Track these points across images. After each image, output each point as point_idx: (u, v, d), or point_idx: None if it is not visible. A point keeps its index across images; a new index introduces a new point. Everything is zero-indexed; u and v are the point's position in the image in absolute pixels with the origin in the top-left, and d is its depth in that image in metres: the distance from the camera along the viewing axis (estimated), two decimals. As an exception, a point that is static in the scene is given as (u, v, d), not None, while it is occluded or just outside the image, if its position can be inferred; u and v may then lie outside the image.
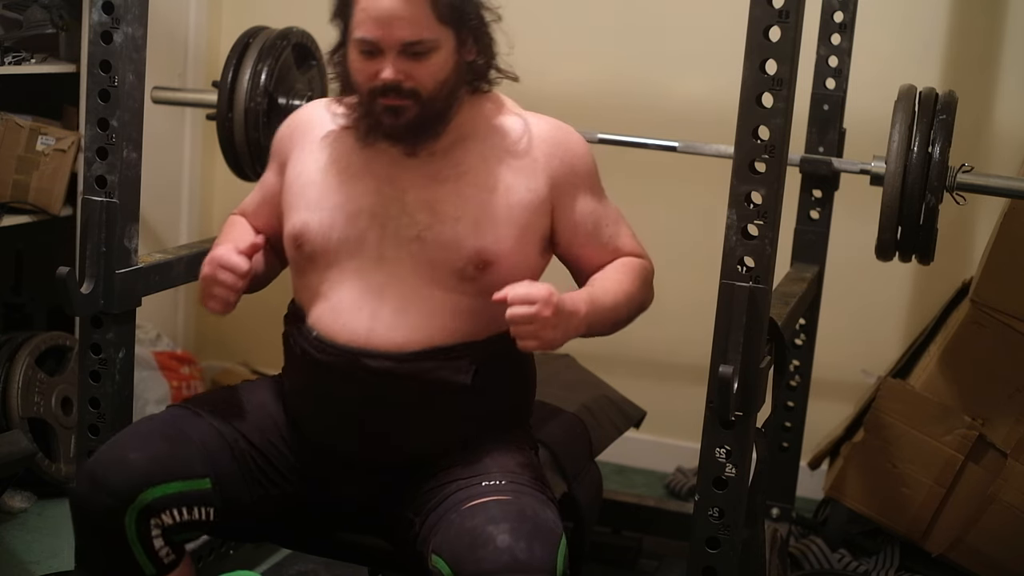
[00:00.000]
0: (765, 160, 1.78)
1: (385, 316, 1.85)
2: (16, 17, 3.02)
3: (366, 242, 1.87)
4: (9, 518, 2.86)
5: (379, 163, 1.89)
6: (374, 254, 1.86)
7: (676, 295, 3.39)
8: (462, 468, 1.85)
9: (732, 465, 1.85)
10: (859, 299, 3.24)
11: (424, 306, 1.85)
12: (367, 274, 1.86)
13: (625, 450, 3.13)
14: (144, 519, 1.80)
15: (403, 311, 1.85)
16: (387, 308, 1.85)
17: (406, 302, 1.85)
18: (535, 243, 1.91)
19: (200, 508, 1.84)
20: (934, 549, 2.79)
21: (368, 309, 1.85)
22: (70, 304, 2.06)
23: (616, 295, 1.91)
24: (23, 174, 2.98)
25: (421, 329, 1.84)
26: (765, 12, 1.75)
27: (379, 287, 1.85)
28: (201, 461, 1.85)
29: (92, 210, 2.08)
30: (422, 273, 1.85)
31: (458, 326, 1.86)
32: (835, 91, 2.65)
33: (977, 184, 2.25)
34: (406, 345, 1.84)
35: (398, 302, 1.85)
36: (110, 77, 2.06)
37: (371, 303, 1.85)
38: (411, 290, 1.85)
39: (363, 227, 1.87)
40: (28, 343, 2.95)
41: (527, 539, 1.67)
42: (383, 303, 1.85)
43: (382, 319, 1.84)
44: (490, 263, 1.84)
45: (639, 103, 3.28)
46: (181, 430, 1.87)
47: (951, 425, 2.73)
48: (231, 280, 1.86)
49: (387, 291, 1.85)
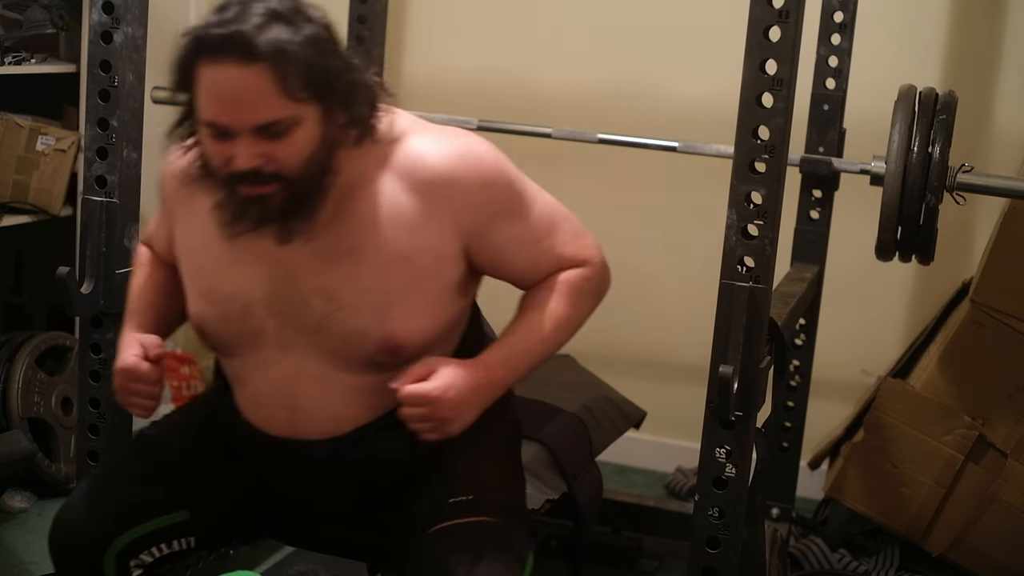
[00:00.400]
0: (765, 160, 1.78)
1: (306, 406, 1.74)
2: (16, 17, 3.02)
3: (266, 334, 1.73)
4: (9, 518, 2.86)
5: (265, 242, 1.67)
6: (277, 344, 1.73)
7: (676, 295, 3.40)
8: (432, 477, 1.79)
9: (732, 465, 1.85)
10: (859, 299, 3.24)
11: (342, 390, 1.73)
12: (275, 365, 1.74)
13: (625, 450, 3.13)
14: (123, 562, 1.77)
15: (321, 397, 1.74)
16: (305, 397, 1.74)
17: (322, 389, 1.73)
18: (451, 297, 1.74)
19: (179, 540, 1.81)
20: (934, 549, 2.79)
21: (286, 399, 1.75)
22: (70, 304, 2.06)
23: (543, 331, 1.76)
24: (23, 174, 2.98)
25: (345, 413, 1.74)
26: (765, 12, 1.75)
27: (290, 377, 1.73)
28: (175, 493, 1.81)
29: (92, 210, 2.08)
30: (331, 361, 1.71)
31: (383, 400, 1.72)
32: (835, 91, 2.65)
33: (977, 184, 2.25)
34: (334, 430, 1.75)
35: (314, 389, 1.73)
36: (110, 77, 2.06)
37: (287, 393, 1.74)
38: (324, 377, 1.72)
39: (260, 318, 1.72)
40: (28, 343, 2.94)
41: (488, 570, 1.64)
42: (299, 392, 1.74)
43: (303, 409, 1.74)
44: (401, 346, 1.69)
45: (639, 103, 3.28)
46: (151, 463, 1.84)
47: (951, 425, 2.73)
48: (145, 390, 1.79)
49: (300, 380, 1.73)
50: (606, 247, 1.82)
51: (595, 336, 3.50)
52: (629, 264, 3.44)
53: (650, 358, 3.47)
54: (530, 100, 3.38)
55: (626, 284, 3.47)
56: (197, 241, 1.76)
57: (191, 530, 1.82)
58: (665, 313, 3.43)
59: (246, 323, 1.72)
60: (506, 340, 1.75)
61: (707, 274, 2.11)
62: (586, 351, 3.20)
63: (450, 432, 1.68)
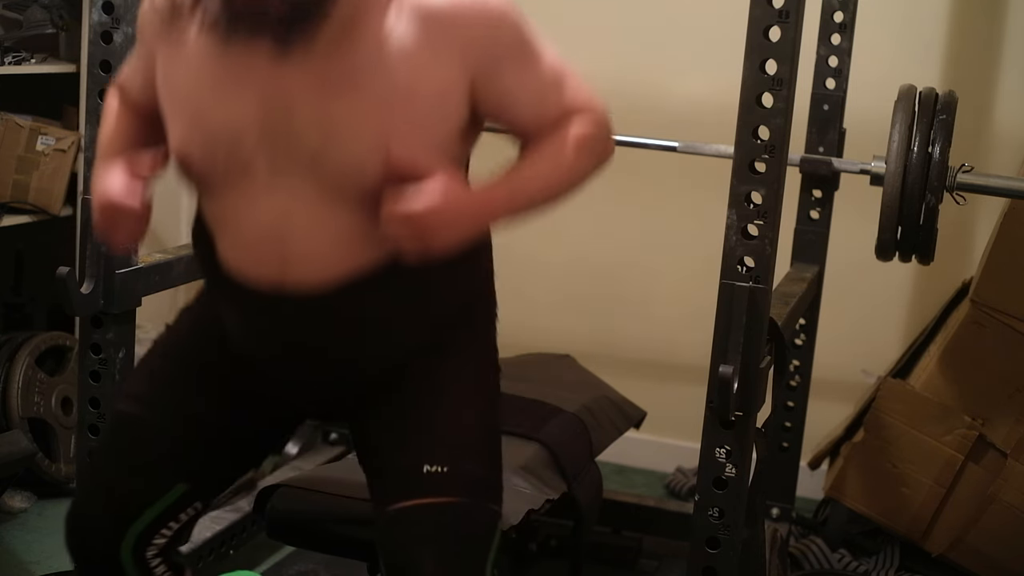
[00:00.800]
0: (765, 160, 1.78)
1: (295, 247, 1.61)
2: (16, 17, 3.02)
3: (255, 167, 1.60)
4: (9, 518, 2.86)
5: (258, 67, 1.57)
6: (268, 178, 1.61)
7: (676, 295, 3.40)
8: (407, 427, 1.70)
9: (732, 465, 1.85)
10: (859, 299, 3.24)
11: (335, 231, 1.62)
12: (265, 201, 1.61)
13: (625, 450, 3.13)
14: (139, 553, 1.76)
15: (313, 238, 1.61)
16: (295, 238, 1.61)
17: (314, 228, 1.61)
18: (452, 141, 1.64)
19: (185, 511, 1.79)
20: (934, 549, 2.79)
21: (275, 241, 1.62)
22: (70, 304, 2.06)
23: (548, 176, 1.67)
24: (23, 174, 2.98)
25: (337, 257, 1.62)
26: (765, 12, 1.75)
27: (281, 215, 1.61)
28: (167, 472, 1.77)
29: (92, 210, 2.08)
30: (326, 197, 1.60)
31: (375, 245, 1.62)
32: (835, 91, 2.65)
33: (977, 184, 2.25)
34: (324, 278, 1.62)
35: (305, 228, 1.61)
36: (110, 77, 2.06)
37: (276, 233, 1.61)
38: (316, 216, 1.60)
39: (250, 149, 1.60)
40: (28, 343, 2.95)
41: (452, 561, 1.62)
42: (289, 231, 1.61)
43: (292, 251, 1.61)
44: (401, 180, 1.57)
45: (639, 103, 3.28)
46: (132, 450, 1.78)
47: (951, 425, 2.73)
48: (131, 225, 1.68)
49: (291, 219, 1.61)
50: (606, 247, 1.82)
51: (595, 336, 3.52)
52: (629, 264, 3.45)
53: (650, 358, 3.47)
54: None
55: (626, 284, 3.49)
56: (183, 69, 1.64)
57: (194, 497, 1.79)
58: (665, 313, 3.43)
59: (235, 154, 1.61)
60: (510, 176, 1.65)
61: (707, 274, 2.12)
62: (586, 351, 3.20)
63: (434, 245, 1.57)
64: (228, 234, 1.67)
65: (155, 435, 1.77)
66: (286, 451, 3.01)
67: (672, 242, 3.39)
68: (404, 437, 1.69)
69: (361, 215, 1.60)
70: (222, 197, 1.65)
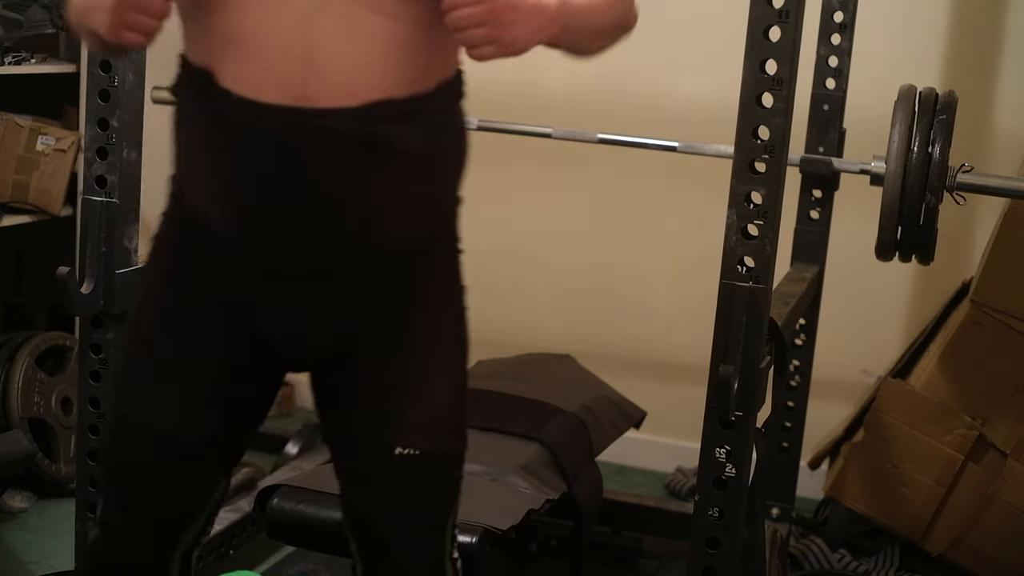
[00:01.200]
0: (765, 160, 1.78)
1: (323, 55, 1.45)
2: (16, 17, 3.02)
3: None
4: (9, 518, 2.86)
5: None
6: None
7: (676, 295, 3.40)
8: (386, 375, 1.59)
9: (732, 465, 1.85)
10: (859, 299, 3.24)
11: (369, 37, 1.46)
12: (290, 3, 1.45)
13: (625, 450, 3.13)
14: (186, 561, 1.69)
15: (343, 44, 1.45)
16: (324, 43, 1.44)
17: (346, 32, 1.45)
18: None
19: (220, 497, 1.71)
20: (934, 549, 2.79)
21: (300, 48, 1.44)
22: (70, 304, 2.06)
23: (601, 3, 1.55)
24: (23, 174, 2.99)
25: (368, 72, 1.47)
26: (765, 12, 1.75)
27: (310, 15, 1.44)
28: (202, 482, 1.66)
29: (92, 210, 2.08)
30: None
31: (409, 67, 1.49)
32: (835, 91, 2.65)
33: (977, 184, 2.25)
34: (353, 95, 1.46)
35: (336, 32, 1.45)
36: (110, 77, 2.06)
37: (303, 38, 1.45)
38: (351, 17, 1.45)
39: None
40: (28, 343, 2.95)
41: (416, 539, 1.61)
42: (318, 36, 1.44)
43: (319, 60, 1.45)
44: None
45: (639, 103, 3.28)
46: (178, 472, 1.65)
47: (951, 425, 2.73)
48: (149, 21, 1.45)
49: (321, 20, 1.44)
50: (606, 247, 1.82)
51: (595, 336, 3.52)
52: (629, 264, 3.45)
53: (650, 358, 3.47)
54: (530, 100, 3.38)
55: (626, 284, 3.49)
56: None
57: (226, 483, 1.71)
58: (665, 313, 3.43)
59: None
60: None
61: (707, 274, 2.12)
62: (586, 351, 3.20)
63: (507, 44, 1.44)
64: (239, 50, 1.48)
65: (192, 451, 1.63)
66: (286, 451, 3.01)
67: (672, 242, 3.39)
68: (376, 394, 1.60)
69: (400, 24, 1.47)
70: (238, 4, 1.47)
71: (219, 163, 1.52)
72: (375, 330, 1.59)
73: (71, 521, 2.18)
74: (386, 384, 1.60)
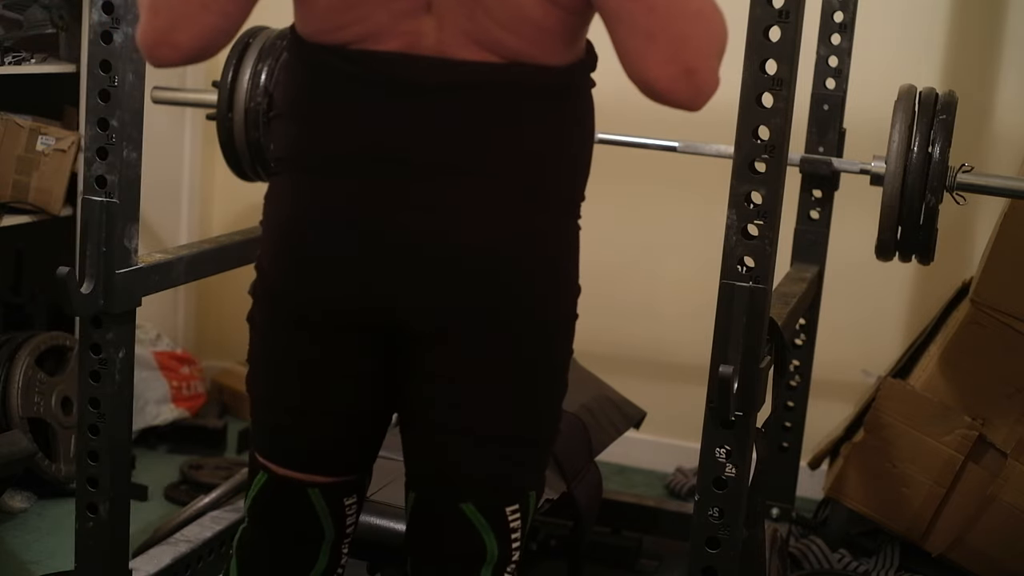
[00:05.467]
0: (765, 160, 1.78)
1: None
2: (16, 17, 3.02)
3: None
4: (9, 518, 2.86)
5: None
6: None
7: (676, 295, 3.40)
8: (460, 398, 1.57)
9: (732, 465, 1.85)
10: (859, 299, 3.24)
11: None
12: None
13: (625, 450, 3.13)
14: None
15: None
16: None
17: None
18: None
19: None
20: (934, 549, 2.79)
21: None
22: (70, 304, 2.06)
23: None
24: (23, 174, 2.98)
25: (502, 34, 1.46)
26: (765, 12, 1.75)
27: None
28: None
29: (92, 210, 2.08)
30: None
31: (550, 42, 1.50)
32: (835, 91, 2.65)
33: (977, 184, 2.25)
34: (479, 54, 1.46)
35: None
36: (110, 77, 2.06)
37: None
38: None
39: None
40: (28, 343, 2.95)
41: None
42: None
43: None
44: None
45: (639, 103, 3.26)
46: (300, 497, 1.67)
47: (951, 425, 2.73)
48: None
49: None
50: (606, 248, 1.82)
51: (595, 336, 3.51)
52: (629, 264, 3.45)
53: (650, 358, 3.47)
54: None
55: (626, 284, 3.49)
56: None
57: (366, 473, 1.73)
58: (665, 313, 3.43)
59: None
60: None
61: (707, 274, 2.11)
62: (586, 351, 3.20)
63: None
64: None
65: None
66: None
67: (672, 242, 3.39)
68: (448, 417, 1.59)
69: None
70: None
71: (333, 115, 1.53)
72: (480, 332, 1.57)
73: (71, 521, 2.17)
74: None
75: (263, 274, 1.62)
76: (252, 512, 1.71)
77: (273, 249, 1.60)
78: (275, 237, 1.59)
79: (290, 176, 1.57)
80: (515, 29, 1.46)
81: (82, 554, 2.17)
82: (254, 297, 1.66)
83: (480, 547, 1.61)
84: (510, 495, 1.62)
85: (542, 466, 1.67)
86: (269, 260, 1.60)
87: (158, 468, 3.21)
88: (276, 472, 1.66)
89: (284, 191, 1.58)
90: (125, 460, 2.19)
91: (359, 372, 1.60)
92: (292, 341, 1.61)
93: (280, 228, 1.59)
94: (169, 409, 3.39)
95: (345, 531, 1.71)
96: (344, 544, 1.72)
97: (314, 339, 1.58)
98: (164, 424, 3.36)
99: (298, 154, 1.56)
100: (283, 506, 1.67)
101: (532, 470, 1.64)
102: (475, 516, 1.60)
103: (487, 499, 1.60)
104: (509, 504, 1.62)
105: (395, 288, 1.52)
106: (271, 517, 1.69)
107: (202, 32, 1.50)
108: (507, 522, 1.62)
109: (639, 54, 1.46)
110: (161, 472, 3.19)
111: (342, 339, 1.57)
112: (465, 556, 1.62)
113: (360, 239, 1.51)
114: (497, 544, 1.62)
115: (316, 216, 1.53)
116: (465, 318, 1.53)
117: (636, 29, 1.43)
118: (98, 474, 2.14)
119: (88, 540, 2.16)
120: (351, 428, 1.65)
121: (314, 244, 1.54)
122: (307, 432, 1.64)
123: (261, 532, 1.70)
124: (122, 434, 2.17)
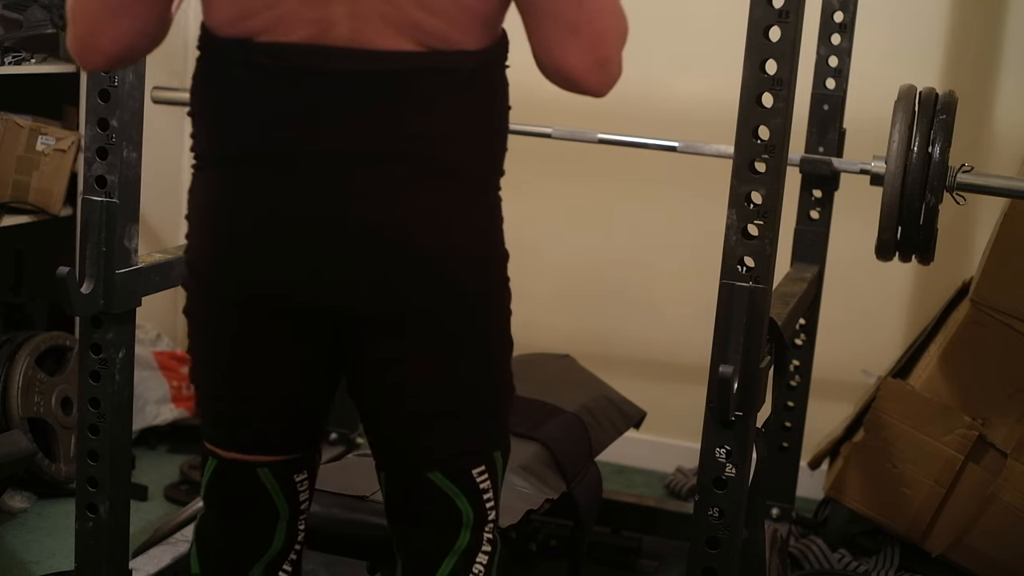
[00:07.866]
0: (765, 160, 1.78)
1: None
2: (16, 17, 3.02)
3: None
4: (9, 518, 2.86)
5: None
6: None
7: (676, 295, 3.40)
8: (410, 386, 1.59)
9: (732, 465, 1.85)
10: (859, 299, 3.24)
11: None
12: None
13: (625, 450, 3.13)
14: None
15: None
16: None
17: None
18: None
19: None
20: (934, 549, 2.79)
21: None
22: (70, 304, 2.06)
23: None
24: (23, 174, 2.99)
25: (422, 15, 1.47)
26: (765, 12, 1.75)
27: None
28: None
29: (92, 210, 2.08)
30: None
31: (472, 18, 1.51)
32: (835, 91, 2.65)
33: (977, 184, 2.25)
34: (395, 41, 1.47)
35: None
36: (110, 77, 2.06)
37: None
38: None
39: None
40: (28, 343, 2.95)
41: None
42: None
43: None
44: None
45: (639, 103, 3.28)
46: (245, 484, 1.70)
47: (951, 425, 2.73)
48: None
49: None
50: (606, 247, 1.82)
51: (595, 336, 3.52)
52: (629, 264, 3.45)
53: (650, 358, 3.47)
54: (530, 100, 3.38)
55: (626, 284, 3.49)
56: None
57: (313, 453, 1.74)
58: (665, 313, 3.43)
59: None
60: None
61: (707, 274, 2.12)
62: (586, 351, 3.20)
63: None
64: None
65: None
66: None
67: (672, 242, 3.39)
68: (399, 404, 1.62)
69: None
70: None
71: (259, 111, 1.59)
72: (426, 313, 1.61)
73: (71, 521, 2.17)
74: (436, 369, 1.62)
75: (191, 267, 1.65)
76: (207, 499, 1.74)
77: (198, 241, 1.64)
78: (199, 229, 1.64)
79: (209, 171, 1.64)
80: (437, 9, 1.47)
81: (82, 554, 2.17)
82: (187, 290, 1.68)
83: (455, 511, 1.65)
84: (474, 459, 1.66)
85: (502, 425, 1.70)
86: (195, 252, 1.64)
87: (158, 468, 3.21)
88: (224, 456, 1.68)
89: (204, 185, 1.65)
90: (125, 460, 2.19)
91: (292, 357, 1.63)
92: (224, 330, 1.63)
93: (203, 220, 1.63)
94: (169, 409, 3.39)
95: (299, 507, 1.74)
96: (300, 520, 1.75)
97: (245, 327, 1.61)
98: (164, 424, 3.36)
99: (214, 150, 1.64)
100: (235, 488, 1.70)
101: (491, 432, 1.68)
102: (444, 483, 1.64)
103: (451, 466, 1.64)
104: (475, 467, 1.66)
105: (314, 273, 1.55)
106: (224, 500, 1.72)
107: (119, 36, 1.57)
108: (476, 484, 1.66)
109: (560, 45, 1.50)
110: (161, 472, 3.19)
111: (272, 325, 1.60)
112: (442, 521, 1.66)
113: (279, 227, 1.54)
114: (471, 506, 1.66)
115: (234, 205, 1.58)
116: (386, 299, 1.55)
117: (562, 21, 1.48)
118: (98, 474, 2.14)
119: (88, 540, 2.16)
120: (292, 412, 1.67)
121: (234, 233, 1.58)
122: (250, 417, 1.66)
123: (216, 517, 1.73)
124: (122, 434, 2.17)
